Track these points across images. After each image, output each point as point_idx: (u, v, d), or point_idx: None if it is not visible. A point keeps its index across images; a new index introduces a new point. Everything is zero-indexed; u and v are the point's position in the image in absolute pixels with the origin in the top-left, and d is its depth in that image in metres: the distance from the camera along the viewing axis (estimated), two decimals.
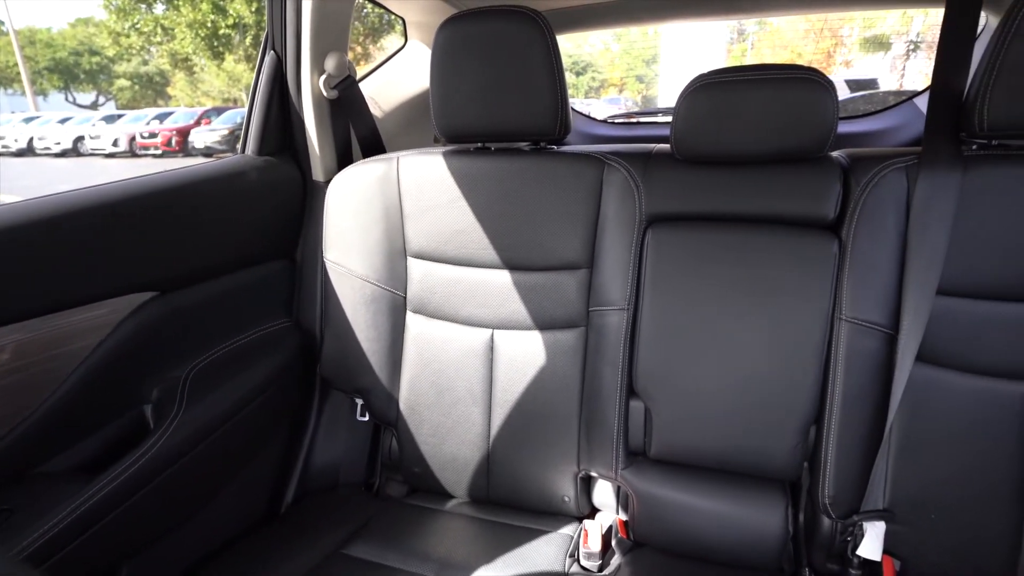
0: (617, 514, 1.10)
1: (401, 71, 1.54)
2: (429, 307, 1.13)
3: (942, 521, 0.88)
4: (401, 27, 1.56)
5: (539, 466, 1.10)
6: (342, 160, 1.26)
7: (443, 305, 1.12)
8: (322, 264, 1.18)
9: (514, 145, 1.09)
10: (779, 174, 0.95)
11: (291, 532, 1.07)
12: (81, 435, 0.89)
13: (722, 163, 0.98)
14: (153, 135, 11.62)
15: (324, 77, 1.17)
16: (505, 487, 1.13)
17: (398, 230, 1.12)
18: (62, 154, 12.54)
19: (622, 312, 1.00)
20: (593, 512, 1.14)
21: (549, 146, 1.10)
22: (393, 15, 1.51)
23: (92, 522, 0.80)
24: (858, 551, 0.89)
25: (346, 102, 1.22)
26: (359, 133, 1.28)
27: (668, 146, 1.01)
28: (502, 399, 1.10)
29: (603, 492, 1.11)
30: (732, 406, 0.96)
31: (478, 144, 1.09)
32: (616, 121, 2.04)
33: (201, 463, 0.96)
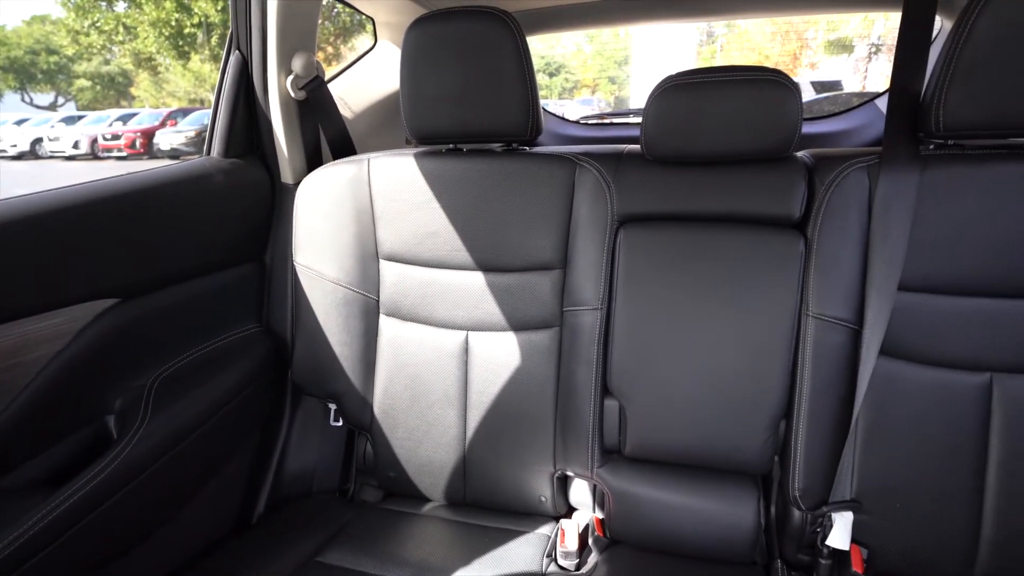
0: (594, 512, 1.11)
1: (371, 72, 1.52)
2: (402, 310, 1.12)
3: (906, 509, 0.91)
4: (371, 27, 1.55)
5: (515, 467, 1.10)
6: (311, 162, 1.24)
7: (417, 307, 1.11)
8: (292, 268, 1.16)
9: (486, 146, 1.08)
10: (746, 174, 0.97)
11: (263, 541, 1.04)
12: (39, 448, 0.85)
13: (691, 163, 0.99)
14: (116, 137, 11.27)
15: (292, 78, 1.15)
16: (482, 489, 1.13)
17: (370, 232, 1.11)
18: (19, 157, 12.07)
19: (596, 312, 1.01)
20: (570, 511, 1.15)
21: (521, 147, 1.10)
22: (363, 15, 1.50)
23: (52, 538, 0.77)
24: (827, 541, 0.92)
25: (315, 103, 1.20)
26: (329, 135, 1.26)
27: (639, 147, 1.02)
28: (477, 401, 1.09)
29: (579, 491, 1.12)
30: (704, 403, 0.98)
31: (450, 145, 1.09)
32: (589, 122, 2.05)
33: (168, 474, 0.93)
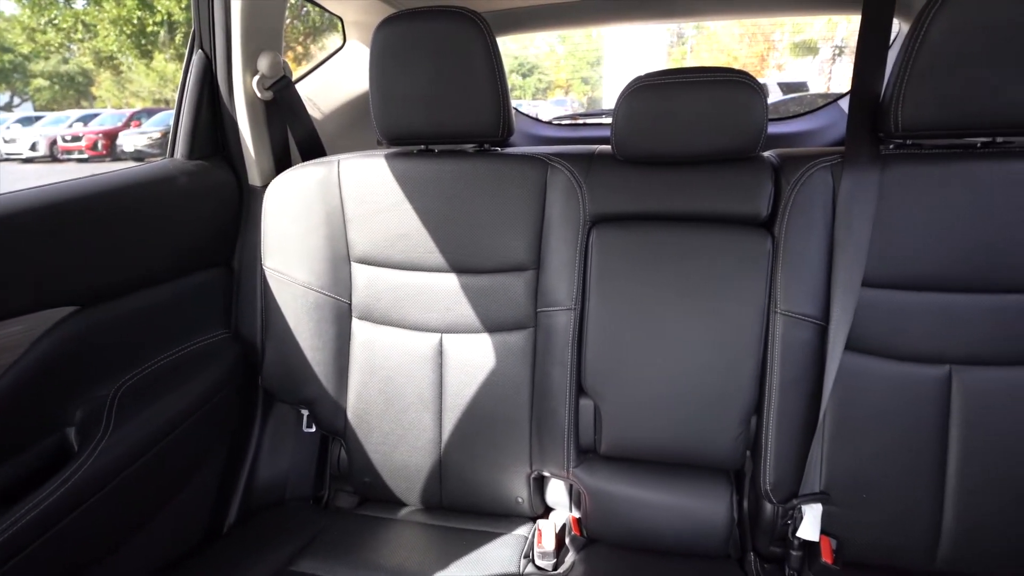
0: (570, 512, 1.11)
1: (340, 72, 1.50)
2: (375, 313, 1.11)
3: (873, 500, 0.93)
4: (341, 27, 1.53)
5: (492, 469, 1.09)
6: (280, 164, 1.21)
7: (390, 310, 1.10)
8: (261, 272, 1.14)
9: (458, 147, 1.08)
10: (715, 174, 0.98)
11: (235, 551, 1.02)
12: None
13: (661, 163, 1.00)
14: (77, 138, 10.89)
15: (257, 77, 1.12)
16: (458, 492, 1.12)
17: (341, 235, 1.09)
18: None
19: (569, 312, 1.01)
20: (547, 511, 1.15)
21: (493, 148, 1.10)
22: (331, 14, 1.48)
23: (10, 555, 0.74)
24: (798, 533, 0.94)
25: (282, 104, 1.18)
26: (297, 136, 1.24)
27: (610, 147, 1.03)
28: (452, 404, 1.09)
29: (556, 491, 1.12)
30: (677, 400, 0.99)
31: (421, 146, 1.08)
32: (561, 123, 2.06)
33: (133, 486, 0.91)
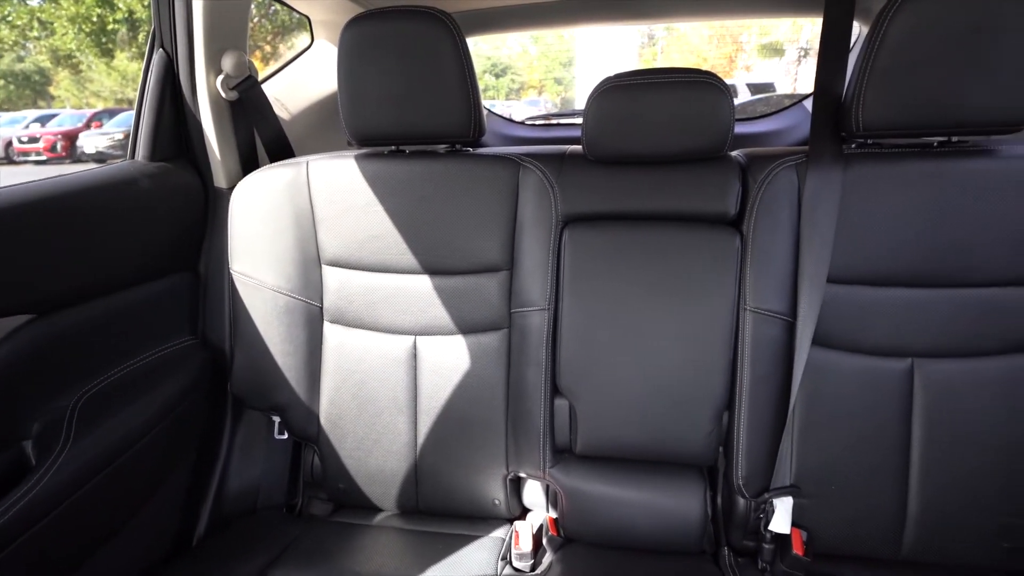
0: (547, 512, 1.11)
1: (309, 72, 1.48)
2: (347, 316, 1.09)
3: (841, 492, 0.95)
4: (308, 26, 1.50)
5: (468, 471, 1.09)
6: (246, 165, 1.19)
7: (362, 313, 1.08)
8: (229, 276, 1.11)
9: (429, 148, 1.07)
10: (684, 173, 1.00)
11: (204, 564, 0.99)
12: None
13: (631, 163, 1.01)
14: (34, 139, 10.48)
15: (222, 77, 1.10)
16: (434, 495, 1.11)
17: (311, 237, 1.07)
18: None
19: (543, 312, 1.01)
20: (524, 513, 1.15)
21: (465, 148, 1.09)
22: (299, 14, 1.45)
23: None
24: (770, 526, 0.95)
25: (248, 104, 1.16)
26: (264, 137, 1.21)
27: (581, 147, 1.03)
28: (427, 406, 1.08)
29: (533, 492, 1.12)
30: (651, 398, 1.00)
31: (392, 147, 1.07)
32: (535, 123, 2.07)
33: (95, 501, 0.87)
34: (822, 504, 0.96)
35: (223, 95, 1.11)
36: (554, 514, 1.10)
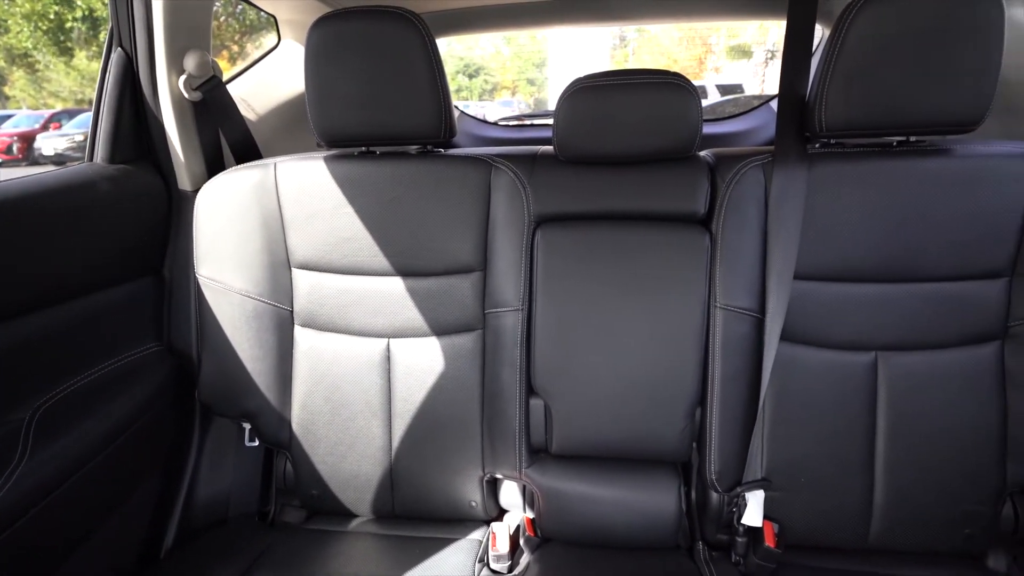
0: (524, 513, 1.11)
1: (276, 72, 1.45)
2: (319, 320, 1.08)
3: (810, 484, 0.98)
4: (275, 25, 1.48)
5: (444, 474, 1.08)
6: (212, 167, 1.16)
7: (334, 317, 1.07)
8: (195, 280, 1.09)
9: (400, 149, 1.06)
10: (654, 173, 1.01)
11: None
12: None
13: (602, 163, 1.02)
14: None
15: (184, 77, 1.07)
16: (410, 499, 1.10)
17: (279, 240, 1.05)
18: None
19: (517, 312, 1.01)
20: (501, 514, 1.15)
21: (436, 149, 1.08)
22: (265, 13, 1.42)
23: None
24: (743, 520, 0.97)
25: (212, 105, 1.13)
26: (230, 138, 1.19)
27: (552, 148, 1.03)
28: (402, 409, 1.07)
29: (509, 493, 1.12)
30: (624, 396, 1.01)
31: (362, 148, 1.06)
32: (508, 124, 2.06)
33: (56, 515, 0.84)
34: (792, 496, 0.98)
35: (186, 95, 1.08)
36: (531, 514, 1.10)
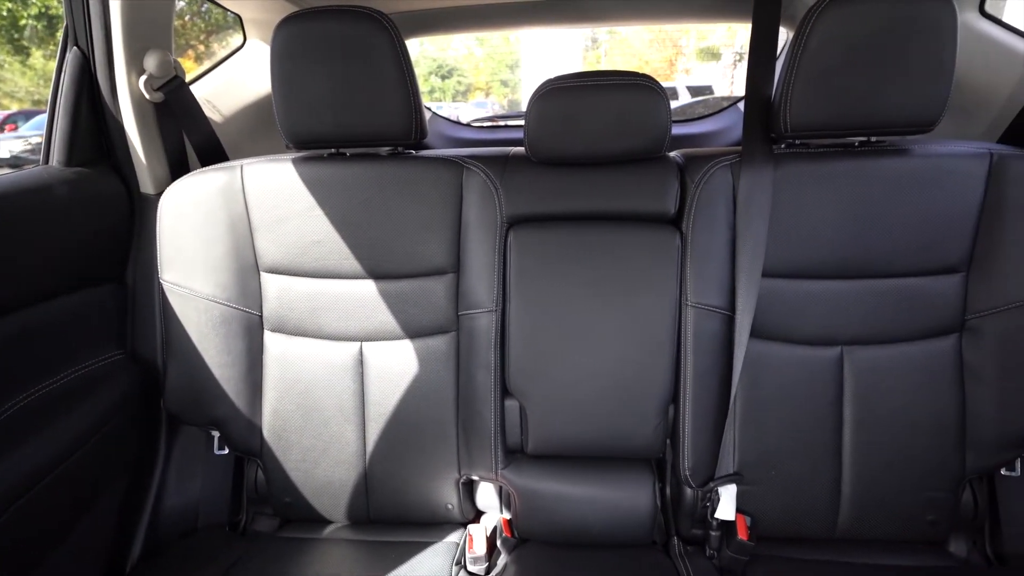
0: (501, 514, 1.11)
1: (242, 72, 1.42)
2: (289, 324, 1.06)
3: (780, 476, 1.00)
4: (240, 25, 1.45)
5: (420, 477, 1.07)
6: (176, 170, 1.13)
7: (305, 321, 1.05)
8: (159, 286, 1.06)
9: (371, 151, 1.05)
10: (624, 173, 1.01)
11: None
12: None
13: (573, 164, 1.03)
14: None
15: (145, 77, 1.04)
16: (386, 504, 1.09)
17: (247, 244, 1.03)
18: None
19: (491, 314, 1.01)
20: (478, 516, 1.14)
21: (407, 151, 1.08)
22: (230, 12, 1.39)
23: None
24: (716, 514, 0.98)
25: (175, 106, 1.10)
26: (194, 140, 1.16)
27: (524, 149, 1.04)
28: (376, 413, 1.06)
29: (486, 494, 1.12)
30: (598, 395, 1.01)
31: (332, 150, 1.04)
32: (482, 125, 2.06)
33: (14, 530, 0.81)
34: (764, 489, 1.00)
35: (147, 96, 1.05)
36: (508, 515, 1.10)
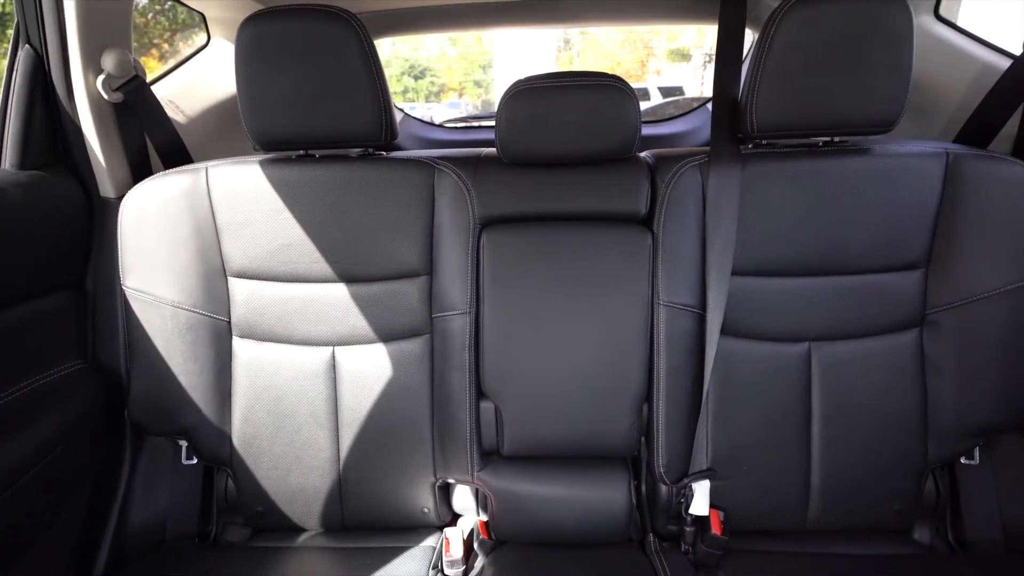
0: (478, 516, 1.10)
1: (206, 71, 1.39)
2: (259, 330, 1.03)
3: (752, 471, 1.01)
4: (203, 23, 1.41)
5: (395, 481, 1.06)
6: (137, 173, 1.10)
7: (275, 326, 1.03)
8: (121, 293, 1.02)
9: (340, 152, 1.03)
10: (595, 174, 1.02)
11: None
12: None
13: (544, 165, 1.03)
14: None
15: (103, 77, 1.00)
16: (361, 510, 1.07)
17: (214, 248, 1.01)
18: None
19: (465, 316, 1.01)
20: (454, 519, 1.14)
21: (378, 152, 1.06)
22: (192, 10, 1.36)
23: None
24: (690, 510, 1.00)
25: (136, 106, 1.07)
26: (157, 142, 1.12)
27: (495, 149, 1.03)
28: (349, 418, 1.04)
29: (462, 497, 1.11)
30: (573, 395, 1.01)
31: (300, 152, 1.02)
32: (455, 125, 2.05)
33: None
34: (736, 484, 1.02)
35: (105, 96, 1.02)
36: (484, 517, 1.09)
